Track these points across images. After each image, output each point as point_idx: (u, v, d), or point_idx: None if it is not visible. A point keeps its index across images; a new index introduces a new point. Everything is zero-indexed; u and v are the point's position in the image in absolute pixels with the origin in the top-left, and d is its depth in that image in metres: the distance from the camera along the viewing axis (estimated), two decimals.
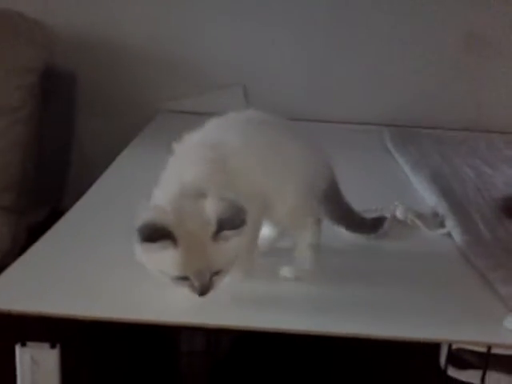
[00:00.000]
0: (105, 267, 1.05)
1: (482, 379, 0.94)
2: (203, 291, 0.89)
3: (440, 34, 2.02)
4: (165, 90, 2.06)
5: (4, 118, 1.70)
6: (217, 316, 0.93)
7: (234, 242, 0.89)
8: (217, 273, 0.90)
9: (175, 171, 0.96)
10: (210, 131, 1.02)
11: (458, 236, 1.22)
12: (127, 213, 1.23)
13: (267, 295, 0.99)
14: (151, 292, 0.97)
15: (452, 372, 0.96)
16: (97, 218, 1.24)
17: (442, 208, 1.34)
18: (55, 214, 1.25)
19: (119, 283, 1.00)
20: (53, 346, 0.93)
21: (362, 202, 1.30)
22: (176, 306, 0.95)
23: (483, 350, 0.92)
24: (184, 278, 0.89)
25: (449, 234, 1.25)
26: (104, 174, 1.46)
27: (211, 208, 0.88)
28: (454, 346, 0.92)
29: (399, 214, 1.31)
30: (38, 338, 0.93)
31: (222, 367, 1.41)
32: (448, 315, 0.96)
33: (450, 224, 1.26)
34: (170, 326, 1.29)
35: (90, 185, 1.38)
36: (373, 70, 2.07)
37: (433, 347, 1.00)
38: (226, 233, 0.88)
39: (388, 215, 1.27)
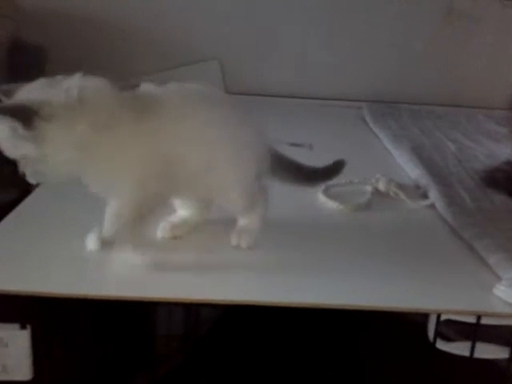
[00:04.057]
0: (76, 242, 0.99)
1: (472, 350, 0.91)
2: None
3: (419, 8, 1.98)
4: (137, 64, 1.98)
5: None
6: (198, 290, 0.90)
7: None
8: None
9: None
10: None
11: (442, 207, 1.19)
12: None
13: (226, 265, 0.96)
14: (123, 267, 0.93)
15: (440, 345, 0.93)
16: (64, 193, 1.17)
17: (425, 179, 1.32)
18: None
19: (93, 259, 0.96)
20: (23, 327, 0.89)
21: (343, 175, 1.29)
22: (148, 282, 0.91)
23: (472, 320, 0.90)
24: None
25: (432, 206, 1.23)
26: None
27: None
28: (443, 317, 0.89)
29: (381, 186, 1.29)
30: (7, 318, 0.88)
31: (198, 350, 1.38)
32: (436, 286, 0.94)
33: (434, 195, 1.24)
34: (146, 308, 1.28)
35: None
36: (351, 46, 2.03)
37: (420, 321, 0.98)
38: None
39: (364, 183, 1.29)
